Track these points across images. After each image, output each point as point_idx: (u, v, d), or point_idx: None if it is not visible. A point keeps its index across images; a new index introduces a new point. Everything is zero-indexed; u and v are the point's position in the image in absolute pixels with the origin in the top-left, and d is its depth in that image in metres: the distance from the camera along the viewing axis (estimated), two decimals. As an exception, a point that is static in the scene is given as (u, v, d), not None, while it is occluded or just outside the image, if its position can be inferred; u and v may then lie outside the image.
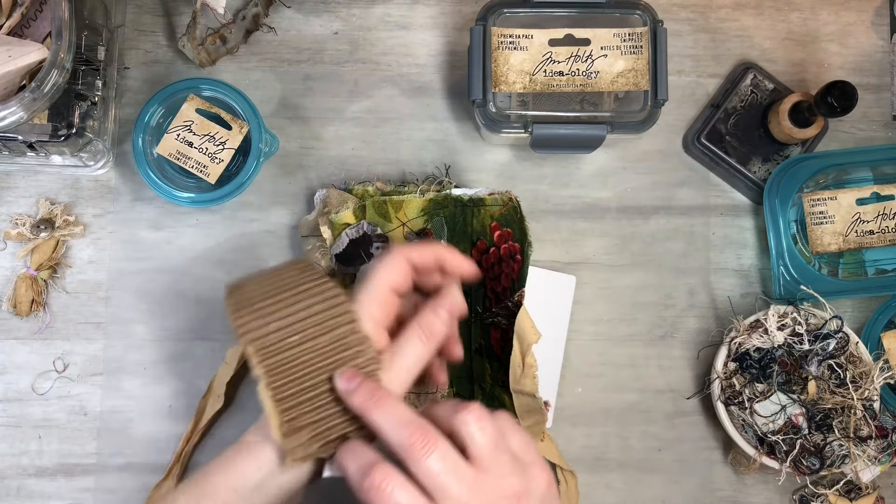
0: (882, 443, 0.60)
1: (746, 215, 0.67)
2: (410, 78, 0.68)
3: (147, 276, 0.65)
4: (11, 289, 0.64)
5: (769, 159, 0.66)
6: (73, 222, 0.65)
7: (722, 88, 0.68)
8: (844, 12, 0.69)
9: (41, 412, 0.64)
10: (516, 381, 0.59)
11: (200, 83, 0.62)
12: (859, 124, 0.68)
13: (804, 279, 0.63)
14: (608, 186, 0.67)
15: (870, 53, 0.69)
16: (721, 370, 0.62)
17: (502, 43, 0.59)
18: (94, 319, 0.65)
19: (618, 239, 0.67)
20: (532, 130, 0.59)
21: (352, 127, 0.67)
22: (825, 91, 0.59)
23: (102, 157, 0.64)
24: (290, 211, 0.66)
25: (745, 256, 0.67)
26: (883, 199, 0.64)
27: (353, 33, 0.68)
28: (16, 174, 0.66)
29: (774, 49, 0.68)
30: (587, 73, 0.59)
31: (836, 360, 0.60)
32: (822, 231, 0.64)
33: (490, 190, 0.62)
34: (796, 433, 0.60)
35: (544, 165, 0.67)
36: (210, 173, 0.61)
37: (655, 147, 0.68)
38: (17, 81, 0.55)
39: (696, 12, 0.69)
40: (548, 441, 0.62)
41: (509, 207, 0.62)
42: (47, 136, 0.58)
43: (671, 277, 0.66)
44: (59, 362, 0.65)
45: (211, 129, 0.62)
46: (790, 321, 0.61)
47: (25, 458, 0.64)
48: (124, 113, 0.67)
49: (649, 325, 0.66)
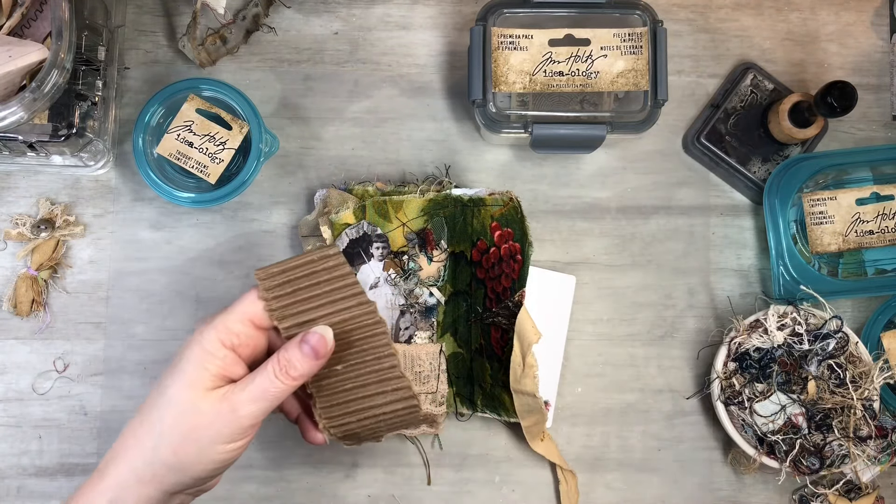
0: (882, 443, 0.60)
1: (746, 215, 0.67)
2: (410, 78, 0.68)
3: (147, 276, 0.65)
4: (12, 289, 0.64)
5: (769, 159, 0.66)
6: (73, 222, 0.65)
7: (722, 88, 0.68)
8: (844, 12, 0.69)
9: (41, 412, 0.64)
10: (517, 380, 0.59)
11: (200, 83, 0.62)
12: (859, 124, 0.68)
13: (804, 279, 0.63)
14: (608, 186, 0.67)
15: (870, 53, 0.69)
16: (721, 370, 0.62)
17: (502, 43, 0.59)
18: (94, 319, 0.65)
19: (618, 239, 0.67)
20: (532, 130, 0.59)
21: (352, 127, 0.67)
22: (825, 91, 0.59)
23: (102, 157, 0.64)
24: (290, 211, 0.66)
25: (745, 256, 0.67)
26: (882, 199, 0.64)
27: (353, 33, 0.68)
28: (16, 174, 0.66)
29: (774, 49, 0.68)
30: (587, 73, 0.59)
31: (836, 360, 0.60)
32: (822, 231, 0.64)
33: (490, 190, 0.62)
34: (796, 433, 0.60)
35: (544, 165, 0.67)
36: (210, 173, 0.62)
37: (655, 147, 0.68)
38: (17, 81, 0.55)
39: (696, 12, 0.69)
40: (548, 441, 0.62)
41: (510, 207, 0.62)
42: (47, 136, 0.58)
43: (671, 277, 0.66)
44: (60, 362, 0.65)
45: (211, 129, 0.62)
46: (790, 321, 0.61)
47: (26, 458, 0.64)
48: (124, 113, 0.67)
49: (649, 325, 0.66)
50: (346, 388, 0.50)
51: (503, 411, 0.62)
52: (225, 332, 0.47)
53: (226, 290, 0.65)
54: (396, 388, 0.50)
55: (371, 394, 0.50)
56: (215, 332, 0.47)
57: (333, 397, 0.51)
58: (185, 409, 0.46)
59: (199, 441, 0.46)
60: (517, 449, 0.64)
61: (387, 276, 0.62)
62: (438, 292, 0.62)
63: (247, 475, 0.64)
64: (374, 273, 0.62)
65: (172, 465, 0.46)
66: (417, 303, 0.62)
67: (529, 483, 0.64)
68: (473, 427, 0.64)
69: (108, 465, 0.46)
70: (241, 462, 0.63)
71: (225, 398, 0.46)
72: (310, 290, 0.48)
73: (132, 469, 0.46)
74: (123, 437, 0.47)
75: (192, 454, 0.46)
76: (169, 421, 0.46)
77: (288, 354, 0.47)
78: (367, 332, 0.49)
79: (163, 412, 0.46)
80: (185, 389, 0.46)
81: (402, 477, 0.64)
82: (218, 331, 0.47)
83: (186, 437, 0.46)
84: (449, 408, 0.62)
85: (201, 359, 0.47)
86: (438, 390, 0.60)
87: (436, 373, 0.60)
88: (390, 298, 0.62)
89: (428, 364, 0.60)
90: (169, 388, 0.46)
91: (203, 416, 0.46)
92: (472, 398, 0.62)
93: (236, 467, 0.63)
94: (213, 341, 0.47)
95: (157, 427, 0.46)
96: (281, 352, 0.47)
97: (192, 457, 0.46)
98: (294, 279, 0.48)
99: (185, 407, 0.46)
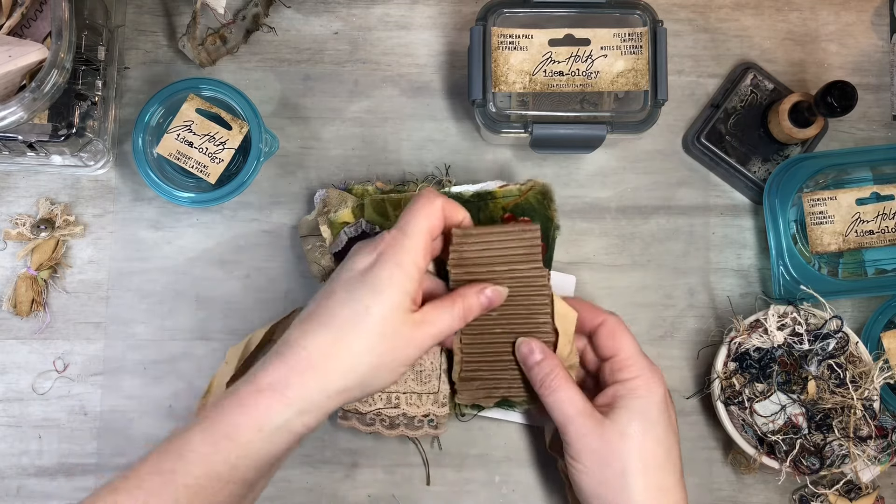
0: (882, 443, 0.60)
1: (746, 215, 0.67)
2: (410, 78, 0.68)
3: (147, 276, 0.65)
4: (11, 289, 0.64)
5: (769, 159, 0.66)
6: (73, 222, 0.65)
7: (722, 88, 0.68)
8: (844, 12, 0.69)
9: (41, 412, 0.64)
10: (564, 358, 0.58)
11: (200, 83, 0.62)
12: (859, 124, 0.68)
13: (804, 279, 0.63)
14: (608, 186, 0.67)
15: (870, 53, 0.69)
16: (721, 370, 0.62)
17: (502, 43, 0.59)
18: (94, 319, 0.65)
19: (618, 239, 0.67)
20: (532, 130, 0.59)
21: (352, 127, 0.67)
22: (825, 91, 0.59)
23: (102, 157, 0.64)
24: (290, 211, 0.66)
25: (745, 256, 0.67)
26: (883, 199, 0.64)
27: (353, 33, 0.68)
28: (16, 174, 0.66)
29: (774, 49, 0.68)
30: (587, 73, 0.59)
31: (836, 360, 0.60)
32: (822, 231, 0.64)
33: (501, 182, 0.62)
34: (796, 433, 0.60)
35: (544, 165, 0.67)
36: (210, 173, 0.62)
37: (655, 147, 0.68)
38: (17, 81, 0.55)
39: (696, 12, 0.69)
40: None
41: (528, 196, 0.61)
42: (47, 136, 0.58)
43: (671, 277, 0.66)
44: (59, 362, 0.65)
45: (211, 129, 0.62)
46: (790, 321, 0.61)
47: (25, 458, 0.64)
48: (124, 113, 0.67)
49: (649, 325, 0.66)
50: (493, 332, 0.56)
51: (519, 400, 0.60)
52: (420, 252, 0.50)
53: (226, 291, 0.65)
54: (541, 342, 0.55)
55: (514, 342, 0.56)
56: (411, 256, 0.49)
57: (479, 337, 0.56)
58: (387, 332, 0.48)
59: (393, 362, 0.49)
60: (517, 449, 0.64)
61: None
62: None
63: (247, 475, 0.64)
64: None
65: (363, 383, 0.48)
66: (417, 302, 0.61)
67: (529, 483, 0.64)
68: (473, 427, 0.64)
69: (290, 379, 0.47)
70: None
71: (419, 327, 0.50)
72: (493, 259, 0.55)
73: (323, 385, 0.47)
74: (308, 351, 0.48)
75: (384, 374, 0.49)
76: (372, 342, 0.48)
77: (469, 302, 0.52)
78: (532, 289, 0.56)
79: (365, 333, 0.48)
80: (391, 313, 0.48)
81: (402, 477, 0.64)
82: (415, 251, 0.49)
83: (383, 358, 0.48)
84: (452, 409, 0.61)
85: (402, 282, 0.49)
86: (440, 390, 0.60)
87: (437, 372, 0.60)
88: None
89: (429, 363, 0.60)
90: (372, 308, 0.48)
91: (401, 339, 0.49)
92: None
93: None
94: (410, 264, 0.49)
95: (357, 346, 0.48)
96: (462, 297, 0.52)
97: (382, 377, 0.49)
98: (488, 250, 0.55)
99: (388, 329, 0.48)
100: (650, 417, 0.53)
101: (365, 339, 0.48)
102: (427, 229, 0.51)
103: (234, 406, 0.47)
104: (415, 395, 0.60)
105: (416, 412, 0.60)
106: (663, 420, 0.54)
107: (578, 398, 0.53)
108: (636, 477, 0.52)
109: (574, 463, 0.53)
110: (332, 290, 0.50)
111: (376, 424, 0.60)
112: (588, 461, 0.53)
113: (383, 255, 0.49)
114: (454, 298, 0.52)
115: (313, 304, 0.51)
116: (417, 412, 0.60)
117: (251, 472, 0.47)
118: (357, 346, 0.48)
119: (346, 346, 0.48)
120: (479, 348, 0.57)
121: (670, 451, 0.54)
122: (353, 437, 0.64)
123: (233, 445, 0.46)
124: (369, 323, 0.48)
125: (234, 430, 0.46)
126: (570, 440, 0.53)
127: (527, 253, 0.55)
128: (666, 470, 0.53)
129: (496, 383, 0.58)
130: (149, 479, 0.45)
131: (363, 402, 0.60)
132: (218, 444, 0.46)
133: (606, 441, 0.52)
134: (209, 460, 0.45)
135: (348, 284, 0.49)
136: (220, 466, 0.46)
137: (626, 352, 0.55)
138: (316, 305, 0.50)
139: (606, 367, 0.56)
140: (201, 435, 0.46)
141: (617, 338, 0.56)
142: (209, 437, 0.46)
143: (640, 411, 0.53)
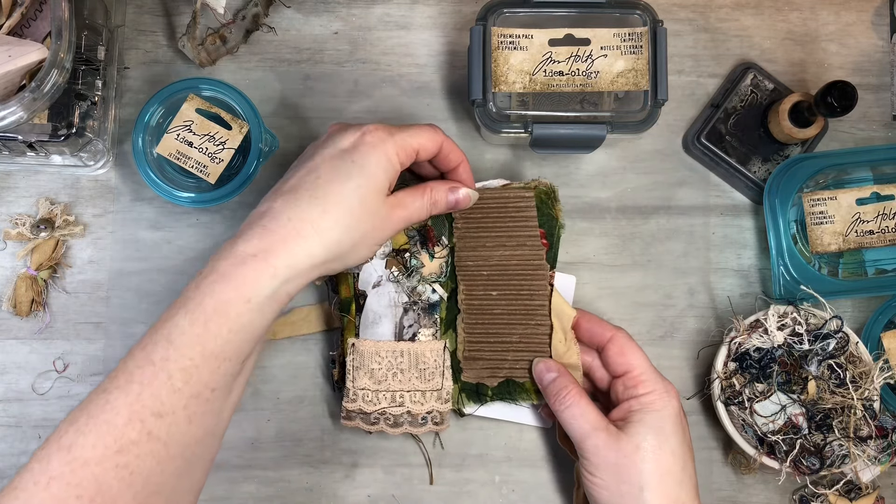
0: (882, 443, 0.60)
1: (746, 215, 0.67)
2: (410, 78, 0.68)
3: (147, 276, 0.65)
4: (11, 289, 0.64)
5: (769, 159, 0.66)
6: (73, 222, 0.65)
7: (722, 88, 0.68)
8: (844, 12, 0.69)
9: (41, 412, 0.64)
10: (560, 356, 0.59)
11: (200, 83, 0.62)
12: (859, 124, 0.68)
13: (804, 279, 0.63)
14: (608, 186, 0.67)
15: (870, 53, 0.69)
16: (721, 370, 0.62)
17: (502, 43, 0.59)
18: (94, 319, 0.65)
19: (618, 239, 0.67)
20: (532, 130, 0.59)
21: (352, 127, 0.67)
22: (825, 91, 0.59)
23: (102, 157, 0.64)
24: (290, 211, 0.66)
25: (745, 256, 0.67)
26: (883, 199, 0.64)
27: (353, 33, 0.68)
28: (16, 174, 0.66)
29: (774, 49, 0.68)
30: (587, 73, 0.59)
31: (836, 360, 0.60)
32: (822, 231, 0.64)
33: (505, 181, 0.62)
34: (796, 433, 0.60)
35: (544, 165, 0.67)
36: (210, 173, 0.61)
37: (655, 147, 0.68)
38: (17, 81, 0.55)
39: (696, 12, 0.69)
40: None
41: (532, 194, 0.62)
42: (47, 136, 0.58)
43: (671, 277, 0.66)
44: (59, 362, 0.65)
45: (211, 128, 0.62)
46: (790, 321, 0.61)
47: (25, 458, 0.63)
48: (124, 113, 0.67)
49: (649, 325, 0.66)
50: (493, 313, 0.60)
51: (521, 394, 0.61)
52: (402, 151, 0.53)
53: (226, 290, 0.65)
54: (539, 325, 0.59)
55: (514, 322, 0.60)
56: (395, 147, 0.52)
57: (480, 317, 0.60)
58: (370, 210, 0.51)
59: (370, 240, 0.52)
60: (517, 449, 0.64)
61: (389, 273, 0.62)
62: (441, 288, 0.62)
63: (247, 475, 0.64)
64: (376, 271, 0.62)
65: (343, 256, 0.51)
66: (420, 300, 0.62)
67: (529, 483, 0.64)
68: (473, 427, 0.64)
69: (277, 248, 0.48)
70: (240, 462, 0.63)
71: (394, 209, 0.53)
72: (494, 221, 0.60)
73: (309, 255, 0.49)
74: (293, 222, 0.49)
75: (361, 250, 0.52)
76: (356, 217, 0.50)
77: (437, 195, 0.56)
78: (530, 271, 0.60)
79: (351, 208, 0.50)
80: (374, 193, 0.51)
81: (402, 477, 0.64)
82: (398, 146, 0.52)
83: (364, 234, 0.51)
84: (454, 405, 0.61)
85: (385, 166, 0.51)
86: (444, 387, 0.60)
87: (440, 369, 0.60)
88: (393, 296, 0.61)
89: (433, 361, 0.60)
90: (361, 186, 0.50)
91: (378, 218, 0.52)
92: (478, 390, 0.62)
93: (236, 467, 0.63)
94: (393, 154, 0.52)
95: (344, 220, 0.50)
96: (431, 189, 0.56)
97: (359, 252, 0.52)
98: (486, 207, 0.60)
99: (370, 207, 0.51)
100: (665, 431, 0.54)
101: (350, 214, 0.50)
102: (420, 145, 0.54)
103: (217, 282, 0.46)
104: (419, 392, 0.60)
105: (420, 409, 0.60)
106: (678, 433, 0.54)
107: (593, 412, 0.55)
108: (653, 492, 0.53)
109: (591, 477, 0.54)
110: (315, 164, 0.52)
111: (380, 423, 0.60)
112: (605, 475, 0.54)
113: (370, 140, 0.52)
114: (425, 189, 0.56)
115: (293, 177, 0.52)
116: (421, 409, 0.60)
117: (245, 344, 0.47)
118: (344, 220, 0.50)
119: (334, 219, 0.49)
120: (480, 328, 0.60)
121: (686, 464, 0.54)
122: (352, 437, 0.64)
123: (224, 320, 0.46)
124: (356, 199, 0.50)
125: (223, 305, 0.46)
126: (587, 454, 0.54)
127: (525, 226, 0.60)
128: (682, 483, 0.54)
129: (499, 363, 0.60)
130: (139, 372, 0.44)
131: (368, 402, 0.60)
132: (208, 323, 0.45)
133: (623, 455, 0.53)
134: (201, 340, 0.45)
135: (333, 161, 0.51)
136: (213, 344, 0.45)
137: (638, 368, 0.56)
138: (298, 179, 0.51)
139: (619, 384, 0.57)
140: (189, 317, 0.45)
141: (627, 354, 0.57)
142: (199, 316, 0.45)
143: (655, 425, 0.54)
